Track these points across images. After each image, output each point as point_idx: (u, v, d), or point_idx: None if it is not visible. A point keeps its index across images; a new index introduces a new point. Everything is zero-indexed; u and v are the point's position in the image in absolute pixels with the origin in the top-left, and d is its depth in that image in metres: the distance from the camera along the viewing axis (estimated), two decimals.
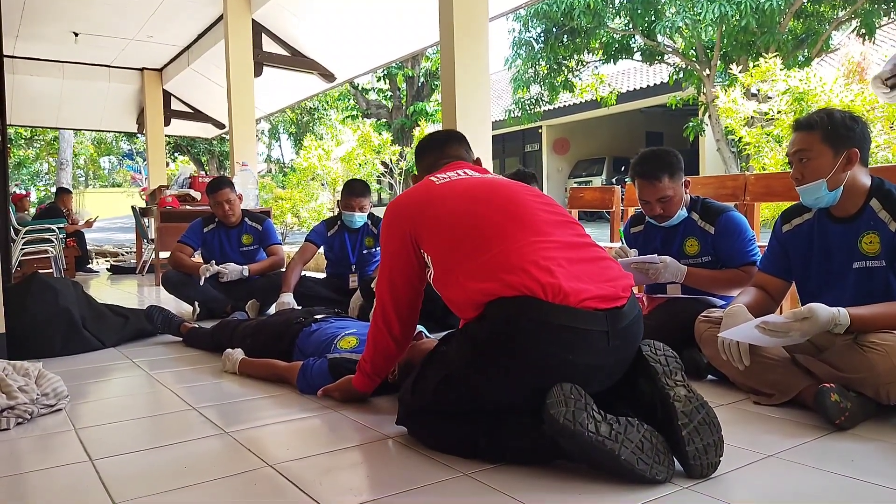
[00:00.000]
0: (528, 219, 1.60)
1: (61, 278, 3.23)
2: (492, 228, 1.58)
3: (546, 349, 1.43)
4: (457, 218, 1.63)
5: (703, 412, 1.42)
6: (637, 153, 2.61)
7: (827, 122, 1.94)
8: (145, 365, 2.82)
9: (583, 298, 1.46)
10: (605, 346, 1.46)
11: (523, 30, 12.51)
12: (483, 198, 1.66)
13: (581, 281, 1.48)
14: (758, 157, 6.26)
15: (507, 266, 1.49)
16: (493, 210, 1.62)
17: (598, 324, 1.45)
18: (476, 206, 1.64)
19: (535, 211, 1.64)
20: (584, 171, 18.05)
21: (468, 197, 1.68)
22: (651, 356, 1.49)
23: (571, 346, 1.44)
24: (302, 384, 2.22)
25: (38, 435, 1.90)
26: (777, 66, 6.24)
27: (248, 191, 6.07)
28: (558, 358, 1.44)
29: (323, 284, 4.07)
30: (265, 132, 25.23)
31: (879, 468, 1.47)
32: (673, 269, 2.46)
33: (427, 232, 1.66)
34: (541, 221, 1.61)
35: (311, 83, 8.78)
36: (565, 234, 1.61)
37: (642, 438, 1.37)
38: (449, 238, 1.62)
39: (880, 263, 1.91)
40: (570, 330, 1.43)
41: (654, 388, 1.47)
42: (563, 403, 1.36)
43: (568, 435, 1.35)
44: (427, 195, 1.73)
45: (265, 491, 1.45)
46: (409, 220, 1.70)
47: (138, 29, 7.99)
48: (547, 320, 1.43)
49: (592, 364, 1.47)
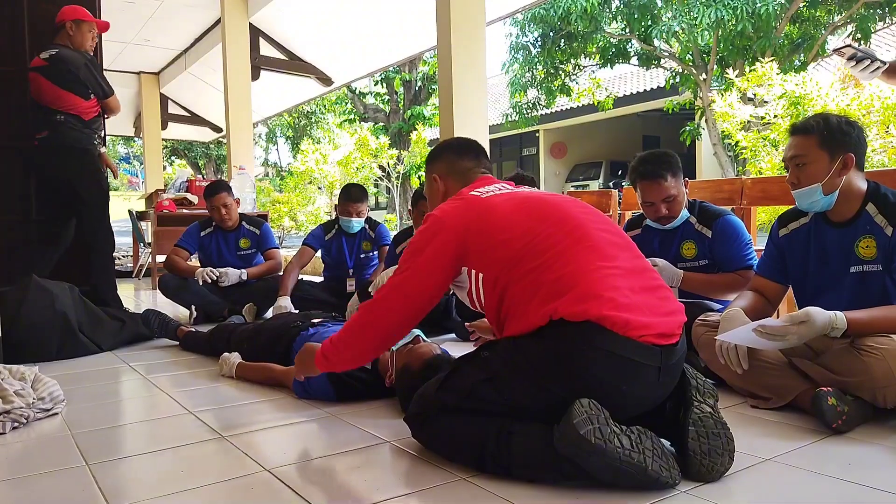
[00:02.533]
0: (591, 241, 1.56)
1: (57, 282, 3.22)
2: (554, 248, 1.53)
3: (602, 377, 1.42)
4: (514, 234, 1.56)
5: (721, 429, 1.43)
6: (634, 157, 2.61)
7: (823, 127, 1.94)
8: (142, 369, 2.81)
9: (644, 333, 1.44)
10: (656, 381, 1.47)
11: (520, 34, 12.54)
12: (537, 215, 1.60)
13: (643, 314, 1.46)
14: (754, 162, 6.27)
15: (575, 290, 1.45)
16: (551, 227, 1.56)
17: (653, 359, 1.44)
18: (532, 222, 1.58)
19: (595, 230, 1.59)
20: (582, 174, 18.08)
21: (522, 213, 1.61)
22: (690, 374, 1.50)
23: (627, 378, 1.43)
24: (298, 389, 2.22)
25: (34, 439, 1.89)
26: (773, 70, 6.25)
27: (246, 195, 6.07)
28: (612, 387, 1.43)
29: (320, 288, 4.07)
30: (262, 136, 25.23)
31: (876, 472, 1.47)
32: (669, 273, 2.47)
33: (480, 247, 1.58)
34: (604, 243, 1.57)
35: (309, 87, 8.80)
36: (627, 258, 1.58)
37: (654, 445, 1.37)
38: (506, 254, 1.55)
39: (877, 268, 1.91)
40: (629, 362, 1.42)
41: (681, 398, 1.49)
42: (589, 421, 1.33)
43: (599, 453, 1.31)
44: (478, 209, 1.63)
45: (262, 495, 1.45)
46: (461, 232, 1.60)
47: (135, 32, 8.00)
48: (610, 350, 1.41)
49: (641, 396, 1.48)
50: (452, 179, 1.82)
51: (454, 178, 1.82)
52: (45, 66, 3.76)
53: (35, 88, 3.79)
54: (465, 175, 1.82)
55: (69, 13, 3.85)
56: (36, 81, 3.78)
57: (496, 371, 1.50)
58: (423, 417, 1.63)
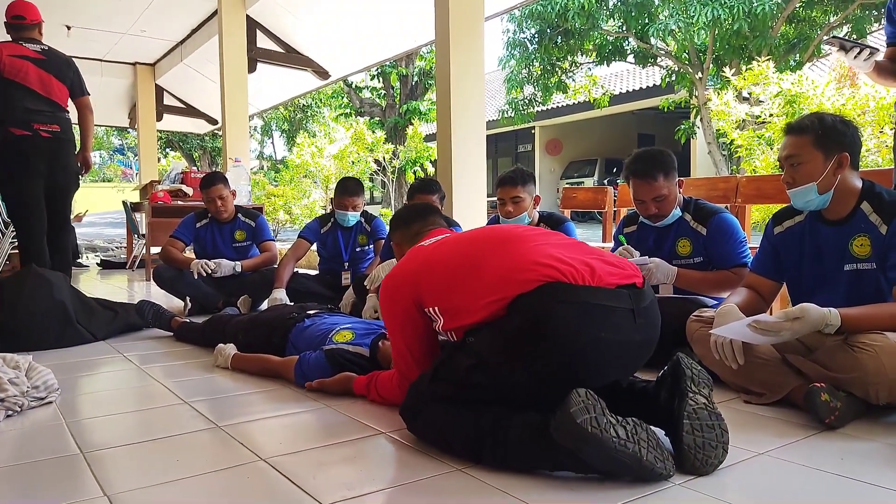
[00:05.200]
0: (522, 235, 1.71)
1: (54, 272, 3.22)
2: (489, 253, 1.65)
3: (577, 328, 1.46)
4: (452, 261, 1.71)
5: (716, 420, 1.44)
6: (630, 154, 2.62)
7: (818, 126, 1.95)
8: (136, 359, 2.80)
9: (601, 278, 1.52)
10: (632, 324, 1.51)
11: (517, 30, 12.53)
12: (473, 239, 1.78)
13: (591, 269, 1.54)
14: (749, 160, 6.30)
15: (519, 268, 1.55)
16: (485, 242, 1.71)
17: (623, 301, 1.51)
18: (467, 247, 1.74)
19: (525, 229, 1.79)
20: (577, 172, 18.11)
21: (458, 244, 1.78)
22: (685, 363, 1.51)
23: (603, 324, 1.48)
24: (299, 377, 2.22)
25: (28, 427, 1.89)
26: (770, 69, 6.27)
27: (241, 187, 6.06)
28: (589, 336, 1.47)
29: (315, 281, 4.06)
30: (258, 129, 25.15)
31: (869, 467, 1.48)
32: (664, 270, 2.48)
33: (427, 287, 1.71)
34: (534, 234, 1.72)
35: (305, 80, 8.77)
36: (560, 239, 1.72)
37: (649, 436, 1.38)
38: (449, 280, 1.67)
39: (871, 266, 1.93)
40: (598, 307, 1.48)
41: (675, 389, 1.49)
42: (586, 410, 1.34)
43: (595, 443, 1.32)
44: (419, 258, 1.81)
45: (258, 484, 1.45)
46: (409, 287, 1.74)
47: (131, 23, 7.94)
48: (575, 300, 1.48)
49: (622, 341, 1.51)
50: (406, 244, 2.04)
51: (408, 242, 2.04)
52: (43, 58, 3.92)
53: (35, 78, 3.89)
54: (416, 236, 2.04)
55: (37, 14, 4.05)
56: (36, 72, 3.89)
57: (483, 354, 1.55)
58: (418, 410, 1.65)
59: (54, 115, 3.94)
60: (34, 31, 4.01)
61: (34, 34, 4.01)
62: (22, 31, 3.97)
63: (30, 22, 3.99)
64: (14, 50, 3.87)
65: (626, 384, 1.65)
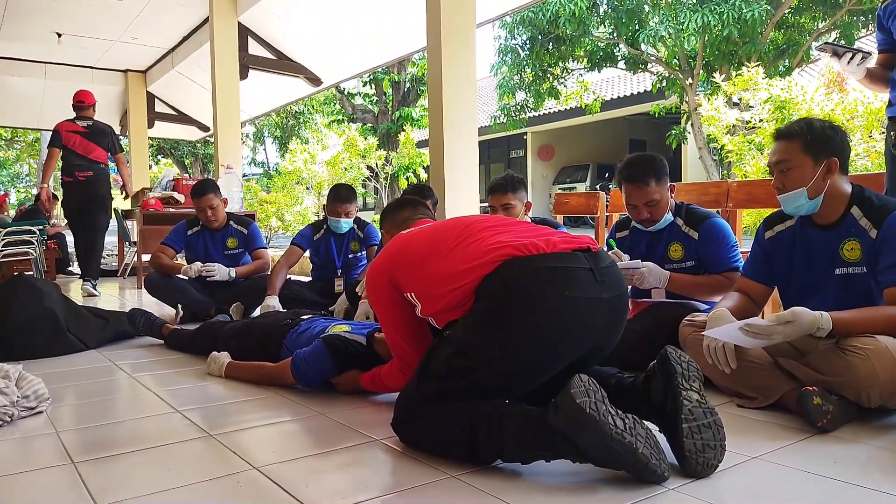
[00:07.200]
0: (482, 222, 1.82)
1: (45, 280, 3.20)
2: (452, 242, 1.75)
3: (543, 290, 1.54)
4: (420, 249, 1.80)
5: (711, 417, 1.45)
6: (622, 159, 2.63)
7: (807, 132, 1.97)
8: (127, 367, 2.79)
9: (555, 245, 1.62)
10: (594, 282, 1.58)
11: (509, 37, 12.56)
12: (443, 228, 1.87)
13: (549, 239, 1.64)
14: (740, 165, 6.33)
15: (479, 253, 1.65)
16: (449, 232, 1.81)
17: (580, 262, 1.60)
18: (434, 237, 1.83)
19: (488, 218, 1.88)
20: (569, 177, 18.15)
21: (429, 232, 1.88)
22: (674, 358, 1.53)
23: (563, 282, 1.55)
24: (297, 376, 2.21)
25: (18, 437, 1.87)
26: (759, 74, 6.31)
27: (233, 194, 6.04)
28: (554, 295, 1.53)
29: (308, 288, 4.05)
30: (250, 136, 25.08)
31: (861, 470, 1.49)
32: (656, 274, 2.48)
33: (402, 272, 1.80)
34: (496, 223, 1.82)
35: (297, 87, 8.75)
36: (519, 224, 1.83)
37: (647, 434, 1.39)
38: (419, 267, 1.76)
39: (861, 270, 1.94)
40: (558, 269, 1.57)
41: (667, 387, 1.50)
42: (586, 394, 1.36)
43: (592, 426, 1.34)
44: (397, 244, 1.89)
45: (250, 493, 1.44)
46: (386, 272, 1.83)
47: (123, 30, 7.92)
48: (534, 267, 1.58)
49: (588, 298, 1.56)
50: (395, 231, 2.10)
51: (395, 230, 2.10)
52: (87, 131, 5.69)
53: (81, 145, 5.63)
54: (403, 224, 2.11)
55: (92, 98, 5.87)
56: (81, 141, 5.65)
57: (460, 338, 1.60)
58: (409, 416, 1.65)
59: (90, 166, 5.64)
60: (89, 110, 5.78)
61: (89, 112, 5.77)
62: (81, 111, 5.75)
63: (87, 105, 5.78)
64: (69, 126, 5.67)
65: (614, 381, 1.66)
